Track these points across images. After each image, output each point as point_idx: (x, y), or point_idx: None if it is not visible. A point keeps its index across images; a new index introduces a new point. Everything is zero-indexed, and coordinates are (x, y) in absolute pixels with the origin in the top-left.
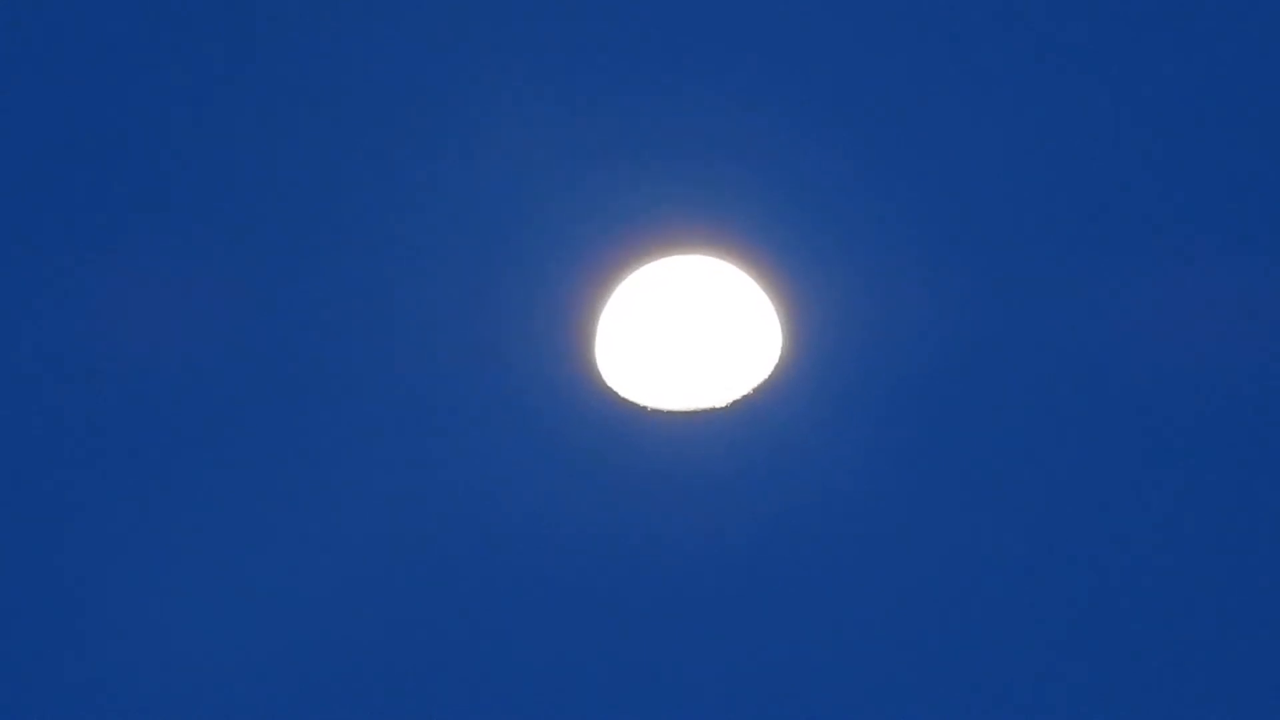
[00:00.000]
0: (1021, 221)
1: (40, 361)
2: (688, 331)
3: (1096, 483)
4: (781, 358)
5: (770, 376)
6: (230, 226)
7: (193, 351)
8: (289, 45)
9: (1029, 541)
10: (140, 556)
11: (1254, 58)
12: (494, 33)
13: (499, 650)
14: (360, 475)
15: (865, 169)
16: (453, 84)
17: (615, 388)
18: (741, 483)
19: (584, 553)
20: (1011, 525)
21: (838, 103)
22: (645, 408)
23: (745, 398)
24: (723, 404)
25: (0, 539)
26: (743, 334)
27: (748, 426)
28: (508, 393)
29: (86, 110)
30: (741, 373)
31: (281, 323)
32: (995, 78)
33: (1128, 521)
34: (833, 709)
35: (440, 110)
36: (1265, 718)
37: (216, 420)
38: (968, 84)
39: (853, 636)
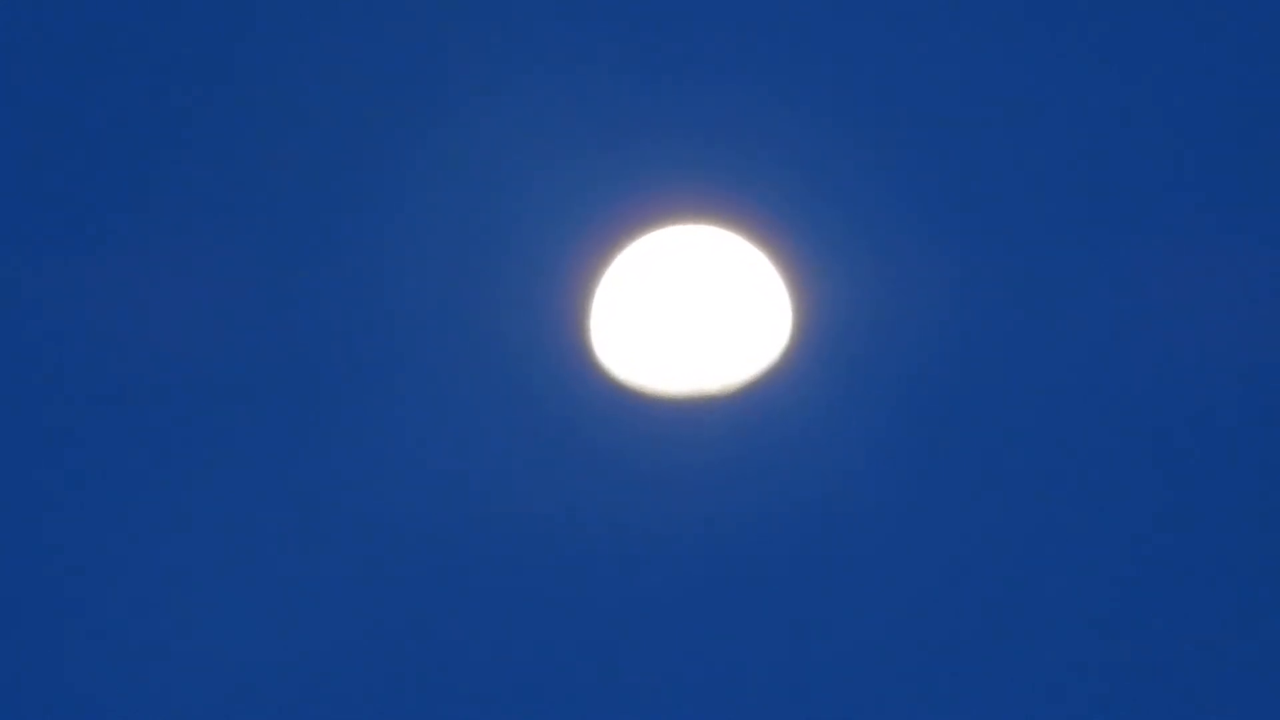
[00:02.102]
0: (1041, 200)
1: (38, 357)
2: (690, 310)
3: (1111, 464)
4: (791, 339)
5: (779, 359)
6: (221, 203)
7: (184, 337)
8: (281, 25)
9: (1042, 532)
10: (139, 551)
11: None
12: (492, 2)
13: (491, 637)
14: (351, 458)
15: (885, 137)
16: (448, 50)
17: (611, 370)
18: (747, 473)
19: (580, 543)
20: (1025, 516)
21: (855, 71)
22: (644, 392)
23: (752, 382)
24: (727, 389)
25: None
26: (750, 313)
27: (754, 413)
28: (496, 375)
29: (80, 111)
30: (748, 355)
31: (272, 303)
32: (1011, 51)
33: (1140, 501)
34: (838, 701)
35: (434, 79)
36: None
37: (205, 403)
38: (983, 54)
39: (860, 629)
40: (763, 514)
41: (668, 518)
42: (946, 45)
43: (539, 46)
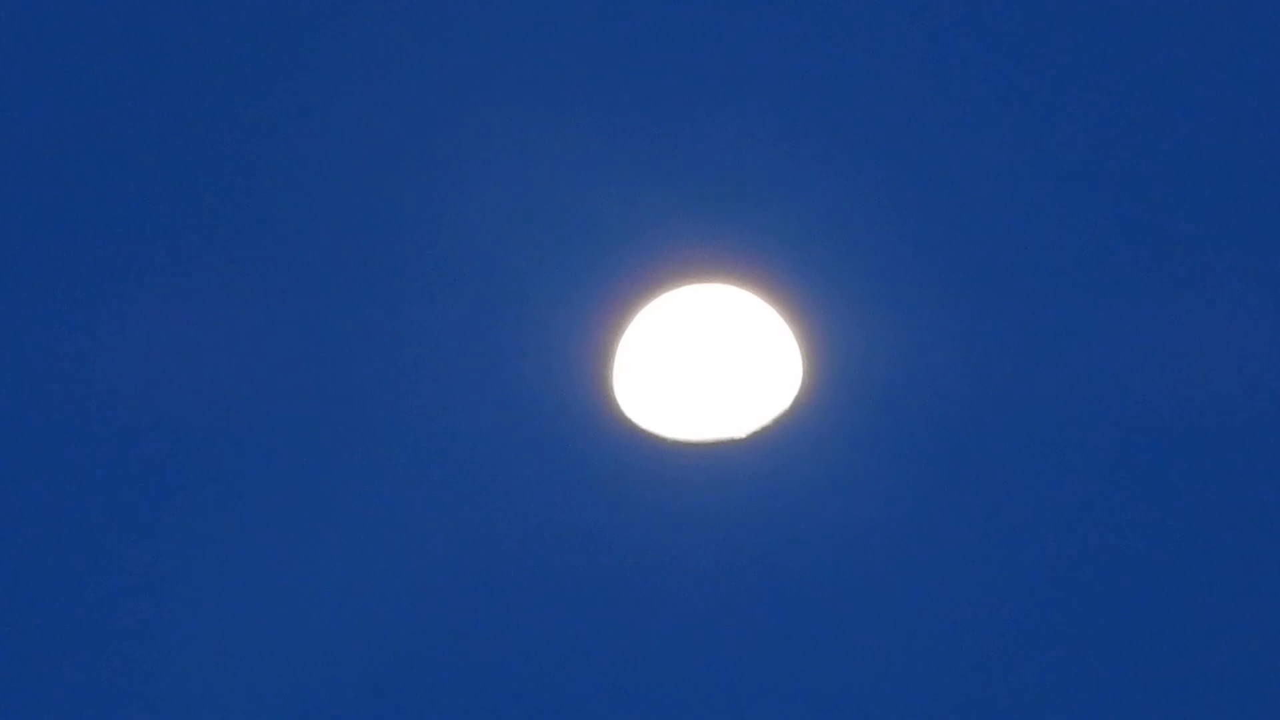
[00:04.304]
0: (1047, 250)
1: (69, 394)
2: (707, 361)
3: (1122, 511)
4: (802, 388)
5: (791, 407)
6: (251, 257)
7: (213, 379)
8: (308, 71)
9: (1053, 578)
10: (173, 585)
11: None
12: (515, 60)
13: (515, 674)
14: (377, 506)
15: (890, 197)
16: (472, 111)
17: (633, 418)
18: (761, 515)
19: (601, 584)
20: (1036, 560)
21: (861, 131)
22: (663, 438)
23: (765, 429)
24: (742, 435)
25: (37, 571)
26: (763, 364)
27: (767, 458)
28: (523, 422)
29: (103, 136)
30: (761, 403)
31: (303, 352)
32: (1019, 104)
33: (1152, 548)
34: None
35: (458, 137)
36: None
37: (236, 452)
38: (992, 111)
39: (871, 671)
40: (776, 551)
41: (686, 555)
42: (953, 104)
43: (562, 112)
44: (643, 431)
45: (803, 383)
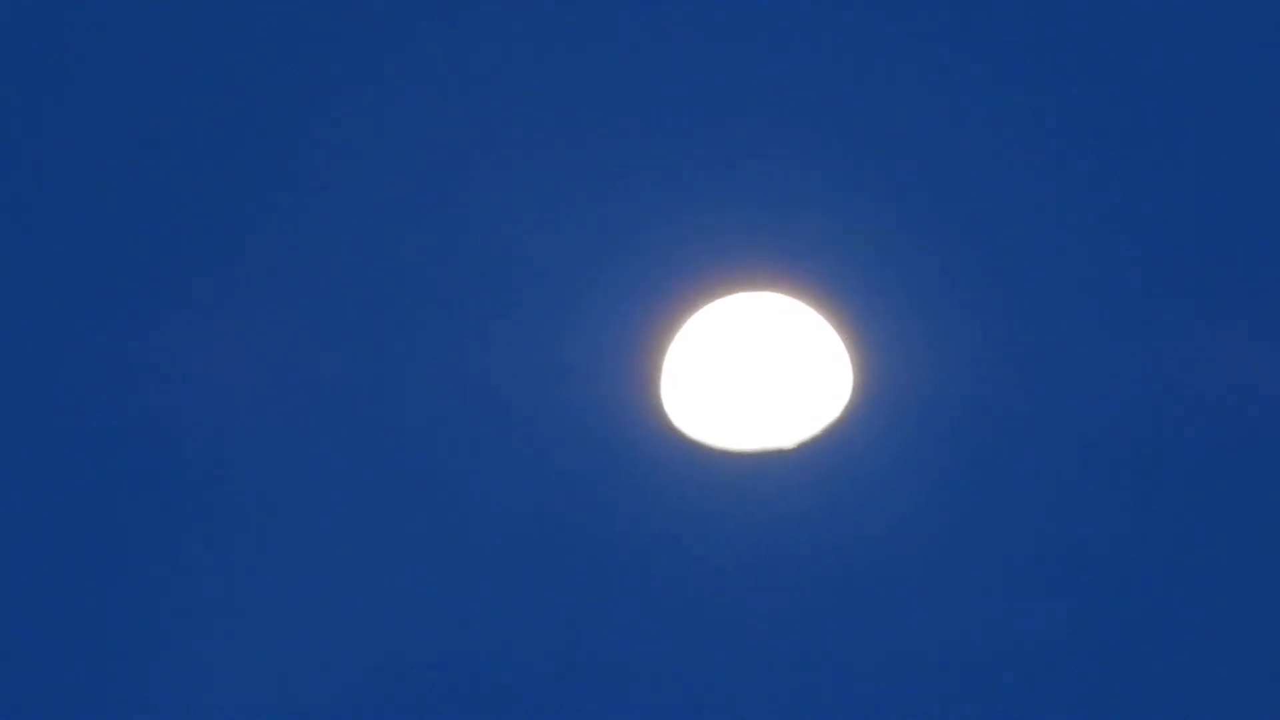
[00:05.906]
0: (1100, 261)
1: (72, 405)
2: (756, 371)
3: (1175, 524)
4: (852, 398)
5: (841, 417)
6: (292, 269)
7: (267, 406)
8: (349, 98)
9: (1101, 590)
10: (193, 589)
11: None
12: (566, 76)
13: (556, 692)
14: (424, 514)
15: (941, 207)
16: (522, 124)
17: (681, 428)
18: (809, 527)
19: (648, 594)
20: (1085, 572)
21: (913, 141)
22: (712, 448)
23: (815, 439)
24: (791, 445)
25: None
26: (813, 373)
27: (817, 468)
28: (572, 431)
29: (151, 160)
30: (811, 413)
31: (348, 359)
32: (1074, 119)
33: (1203, 559)
34: None
35: (509, 151)
36: None
37: (295, 483)
38: (1045, 125)
39: (918, 683)
40: (824, 563)
41: (735, 565)
42: (1006, 116)
43: (611, 124)
44: (691, 441)
45: (853, 392)
